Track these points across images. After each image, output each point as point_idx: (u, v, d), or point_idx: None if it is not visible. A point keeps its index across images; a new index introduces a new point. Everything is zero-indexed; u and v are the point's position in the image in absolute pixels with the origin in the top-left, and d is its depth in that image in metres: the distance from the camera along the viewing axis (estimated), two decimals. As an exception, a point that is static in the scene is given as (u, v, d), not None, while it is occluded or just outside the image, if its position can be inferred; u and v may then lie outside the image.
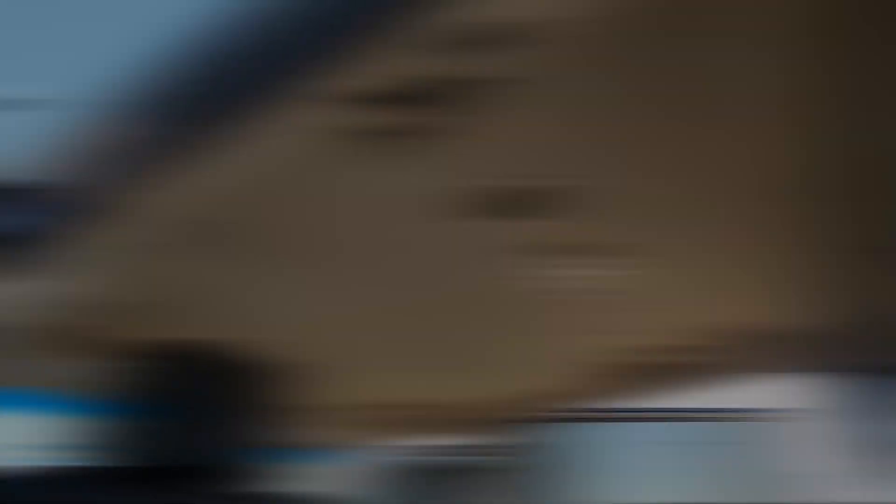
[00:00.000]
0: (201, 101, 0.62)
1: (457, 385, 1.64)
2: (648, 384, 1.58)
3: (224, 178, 0.74)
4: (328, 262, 0.96)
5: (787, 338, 1.32)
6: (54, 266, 0.74)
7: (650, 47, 0.58)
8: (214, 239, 0.84)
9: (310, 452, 2.18)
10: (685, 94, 0.66)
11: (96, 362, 0.99)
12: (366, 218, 0.86)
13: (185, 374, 0.88)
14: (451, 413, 1.85)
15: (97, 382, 0.95)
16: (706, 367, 1.47)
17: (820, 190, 0.86)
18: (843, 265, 1.04)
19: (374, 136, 0.71)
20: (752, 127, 0.74)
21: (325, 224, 0.87)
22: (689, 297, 1.15)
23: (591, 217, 0.89)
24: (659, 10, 0.50)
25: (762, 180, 0.84)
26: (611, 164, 0.78)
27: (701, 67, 0.62)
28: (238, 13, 0.58)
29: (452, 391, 1.68)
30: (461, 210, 0.84)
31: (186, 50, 0.63)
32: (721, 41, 0.60)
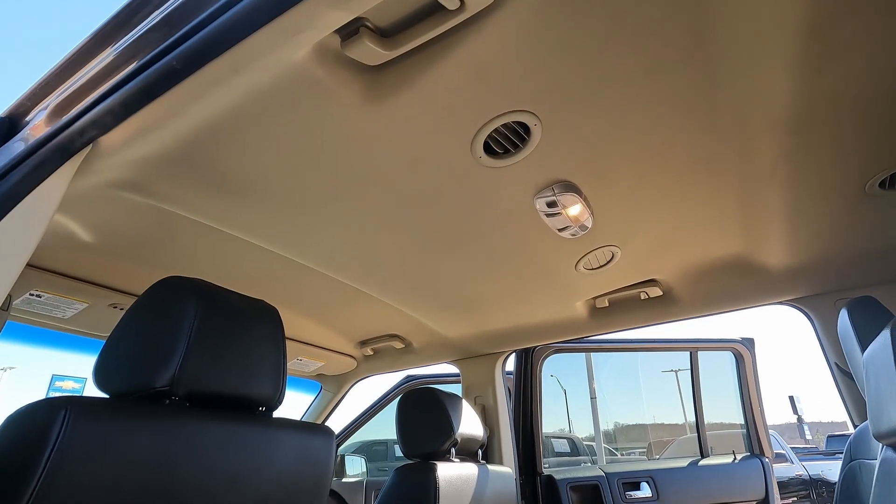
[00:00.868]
0: None
1: (460, 320, 1.65)
2: (631, 317, 1.62)
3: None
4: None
5: (765, 271, 1.35)
6: None
7: None
8: None
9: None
10: (667, 24, 0.68)
11: None
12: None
13: None
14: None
15: None
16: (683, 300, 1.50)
17: (802, 125, 0.88)
18: (823, 201, 1.07)
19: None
20: (736, 62, 0.76)
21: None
22: (670, 232, 1.18)
23: (573, 153, 0.91)
24: None
25: (743, 115, 0.85)
26: (589, 98, 0.80)
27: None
28: None
29: (456, 326, 1.70)
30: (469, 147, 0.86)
31: None
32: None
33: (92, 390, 0.80)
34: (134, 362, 0.77)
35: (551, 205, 1.05)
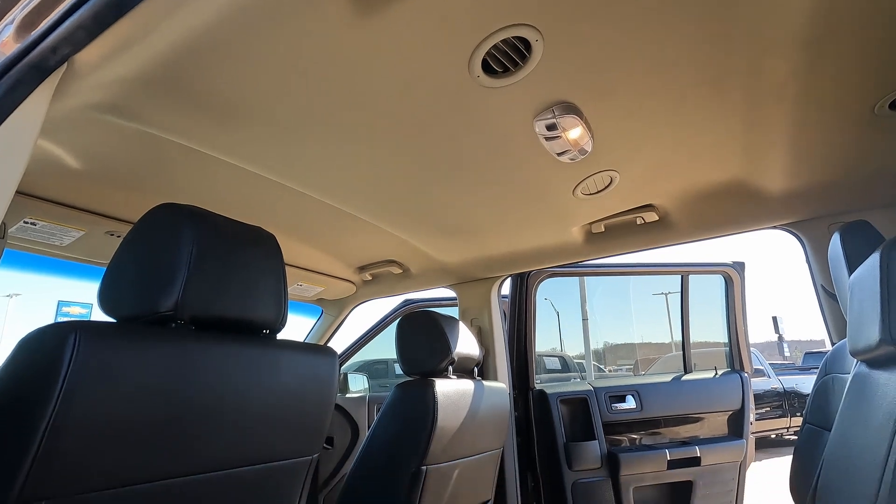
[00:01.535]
0: None
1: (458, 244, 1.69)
2: (626, 242, 1.65)
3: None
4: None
5: (763, 196, 1.37)
6: None
7: None
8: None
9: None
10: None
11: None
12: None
13: None
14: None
15: None
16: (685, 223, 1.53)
17: (817, 41, 0.85)
18: (830, 122, 1.06)
19: None
20: None
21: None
22: (670, 155, 1.18)
23: (575, 70, 0.88)
24: None
25: (759, 27, 0.82)
26: (597, 7, 0.76)
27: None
28: None
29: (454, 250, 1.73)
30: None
31: None
32: None
33: (98, 316, 0.82)
34: (137, 288, 0.78)
35: (551, 128, 1.02)
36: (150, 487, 0.70)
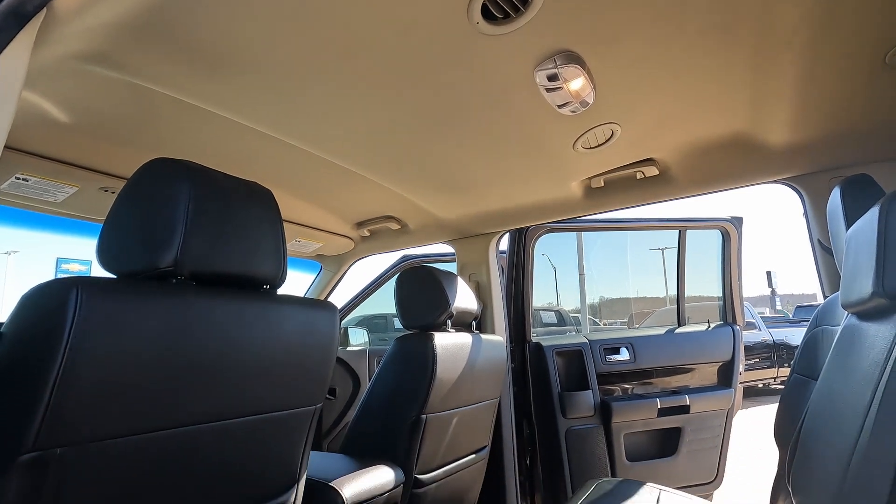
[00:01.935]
0: None
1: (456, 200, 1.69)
2: (625, 196, 1.66)
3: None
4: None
5: (766, 149, 1.36)
6: None
7: None
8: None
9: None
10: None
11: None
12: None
13: None
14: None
15: None
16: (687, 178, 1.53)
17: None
18: (839, 72, 1.04)
19: None
20: None
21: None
22: (673, 108, 1.16)
23: (579, 15, 0.85)
24: None
25: None
26: None
27: None
28: None
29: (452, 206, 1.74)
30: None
31: None
32: None
33: (97, 273, 0.83)
34: (135, 244, 0.78)
35: (552, 78, 0.99)
36: (159, 435, 0.73)
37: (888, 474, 0.56)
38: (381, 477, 1.26)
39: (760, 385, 7.80)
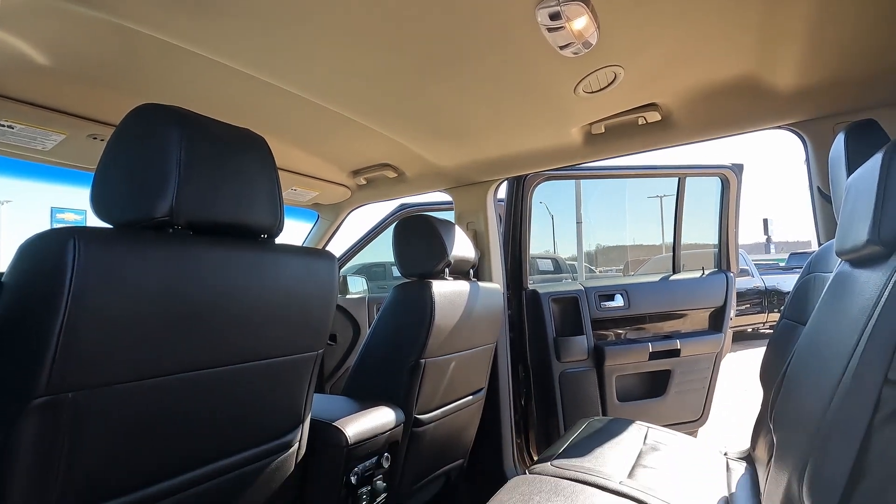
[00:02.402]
0: None
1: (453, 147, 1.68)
2: (626, 143, 1.64)
3: None
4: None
5: (772, 93, 1.34)
6: None
7: None
8: None
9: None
10: None
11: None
12: None
13: None
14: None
15: None
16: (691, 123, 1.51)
17: None
18: (854, 9, 1.00)
19: None
20: None
21: None
22: (679, 49, 1.13)
23: None
24: None
25: None
26: None
27: None
28: None
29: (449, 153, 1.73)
30: None
31: None
32: None
33: (92, 222, 0.82)
34: (129, 193, 0.77)
35: (554, 17, 0.94)
36: (164, 381, 0.75)
37: (866, 413, 0.59)
38: (383, 417, 1.32)
39: (750, 329, 8.03)
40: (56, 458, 0.65)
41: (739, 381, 4.89)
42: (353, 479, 1.21)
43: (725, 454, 1.62)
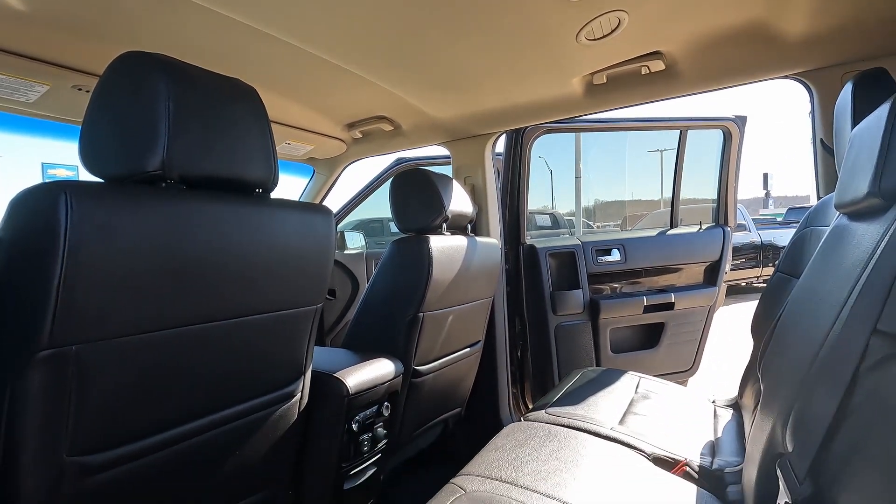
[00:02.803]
0: None
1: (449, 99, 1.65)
2: (628, 94, 1.61)
3: None
4: None
5: (780, 41, 1.30)
6: None
7: None
8: None
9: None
10: None
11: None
12: None
13: None
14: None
15: None
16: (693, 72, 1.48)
17: None
18: None
19: None
20: None
21: None
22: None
23: None
24: None
25: None
26: None
27: None
28: None
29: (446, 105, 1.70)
30: None
31: None
32: None
33: (85, 178, 0.81)
34: (118, 147, 0.75)
35: (557, -44, 0.89)
36: (165, 335, 0.77)
37: (852, 362, 0.61)
38: (382, 368, 1.35)
39: (743, 284, 8.14)
40: (65, 408, 0.67)
41: (730, 334, 5.01)
42: (354, 427, 1.26)
43: (713, 402, 1.68)
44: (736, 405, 1.62)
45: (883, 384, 0.54)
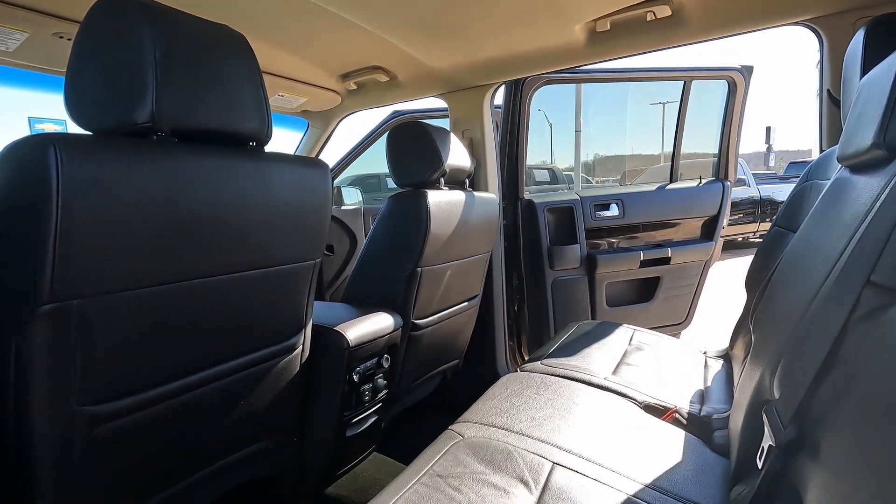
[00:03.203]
0: None
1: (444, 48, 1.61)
2: (632, 42, 1.57)
3: None
4: None
5: None
6: None
7: None
8: None
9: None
10: None
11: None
12: None
13: None
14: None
15: None
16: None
17: None
18: None
19: None
20: None
21: None
22: None
23: None
24: None
25: None
26: None
27: None
28: None
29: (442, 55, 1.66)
30: None
31: None
32: None
33: (73, 132, 0.78)
34: (105, 98, 0.73)
35: None
36: (164, 289, 0.77)
37: (843, 313, 0.62)
38: (381, 322, 1.38)
39: (740, 239, 8.18)
40: (70, 361, 0.68)
41: (724, 288, 5.08)
42: (355, 378, 1.29)
43: (705, 353, 1.72)
44: (726, 356, 1.67)
45: (872, 334, 0.55)
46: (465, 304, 1.84)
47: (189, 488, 0.96)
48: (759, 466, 0.72)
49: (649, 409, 1.24)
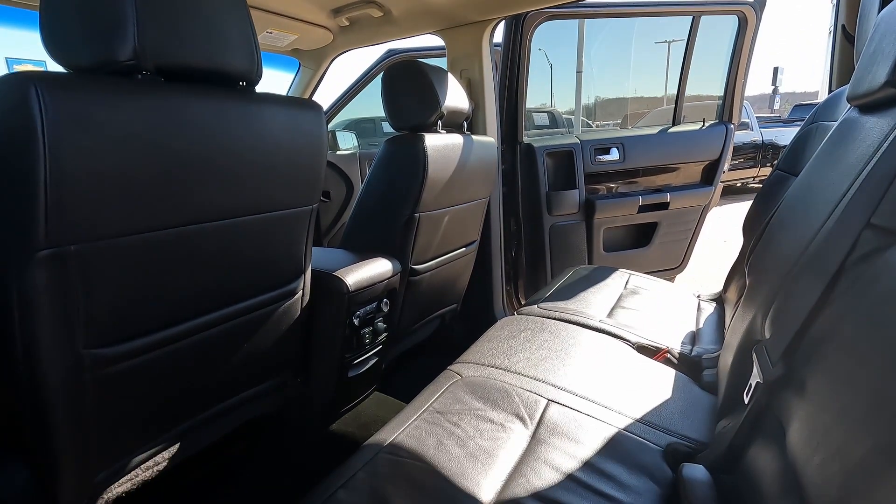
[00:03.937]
0: None
1: None
2: None
3: None
4: None
5: None
6: None
7: None
8: None
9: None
10: None
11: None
12: None
13: None
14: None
15: None
16: None
17: None
18: None
19: None
20: None
21: None
22: None
23: None
24: None
25: None
26: None
27: None
28: None
29: None
30: None
31: None
32: None
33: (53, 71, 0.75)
34: (83, 33, 0.69)
35: None
36: (160, 234, 0.76)
37: (841, 254, 0.62)
38: (380, 267, 1.39)
39: (739, 184, 8.12)
40: (73, 305, 0.69)
41: (721, 233, 5.10)
42: (355, 322, 1.32)
43: (698, 296, 1.75)
44: (719, 299, 1.70)
45: (866, 275, 0.56)
46: (463, 249, 1.84)
47: (201, 423, 1.00)
48: (746, 402, 0.75)
49: (642, 349, 1.27)
